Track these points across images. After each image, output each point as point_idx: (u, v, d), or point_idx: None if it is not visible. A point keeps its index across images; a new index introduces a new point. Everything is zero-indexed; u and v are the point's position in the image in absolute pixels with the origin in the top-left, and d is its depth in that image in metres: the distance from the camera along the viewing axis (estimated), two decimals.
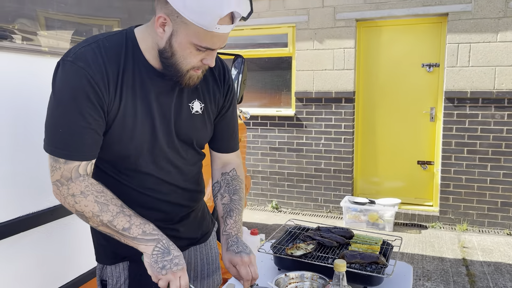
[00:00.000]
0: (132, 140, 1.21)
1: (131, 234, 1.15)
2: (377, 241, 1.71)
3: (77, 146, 1.12)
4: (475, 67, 4.57)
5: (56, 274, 1.83)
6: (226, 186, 1.46)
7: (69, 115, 1.11)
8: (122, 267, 1.35)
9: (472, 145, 4.69)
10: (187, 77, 1.19)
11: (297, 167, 5.40)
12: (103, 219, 1.14)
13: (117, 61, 1.16)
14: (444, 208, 4.86)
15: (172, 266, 1.14)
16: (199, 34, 1.09)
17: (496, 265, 3.75)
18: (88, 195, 1.14)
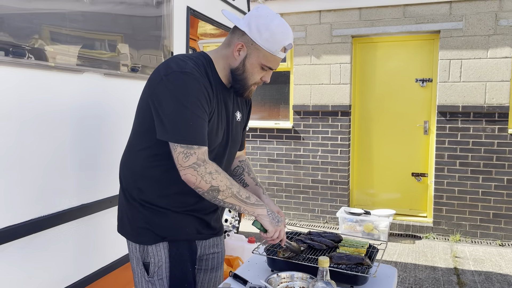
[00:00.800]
0: (216, 137, 1.56)
1: (251, 201, 1.52)
2: (364, 245, 1.84)
3: (204, 135, 1.44)
4: (466, 82, 4.74)
5: (67, 272, 1.96)
6: (247, 167, 1.87)
7: (196, 112, 1.41)
8: (162, 246, 1.57)
9: (464, 158, 4.83)
10: (248, 90, 1.62)
11: (295, 178, 5.53)
12: (233, 190, 1.47)
13: (207, 77, 1.51)
14: (437, 219, 4.97)
15: (280, 220, 1.60)
16: (266, 57, 1.53)
17: (486, 274, 3.85)
18: (221, 173, 1.46)
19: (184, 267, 1.58)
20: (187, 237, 1.60)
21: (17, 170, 1.69)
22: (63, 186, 1.91)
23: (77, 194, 1.99)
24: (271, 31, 1.49)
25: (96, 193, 2.10)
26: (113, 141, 2.20)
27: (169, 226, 1.56)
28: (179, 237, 1.58)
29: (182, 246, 1.58)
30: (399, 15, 4.95)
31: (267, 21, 1.49)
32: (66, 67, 1.87)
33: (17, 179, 1.68)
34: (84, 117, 2.00)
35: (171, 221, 1.56)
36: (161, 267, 1.57)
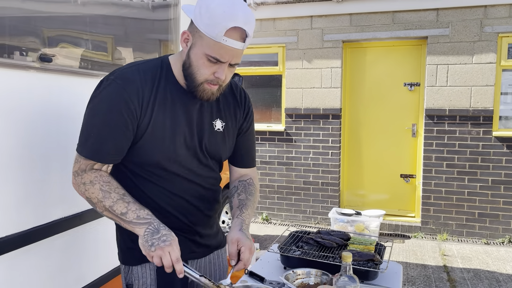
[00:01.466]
0: (162, 150, 1.38)
1: (128, 218, 1.29)
2: (372, 242, 1.93)
3: (100, 151, 1.33)
4: (453, 86, 4.92)
5: (81, 274, 1.99)
6: (243, 188, 1.61)
7: (101, 124, 1.31)
8: (149, 267, 1.45)
9: (451, 159, 5.00)
10: (201, 89, 1.34)
11: (287, 180, 5.62)
12: (105, 204, 1.30)
13: (153, 81, 1.36)
14: (425, 219, 5.14)
15: (159, 242, 1.25)
16: (209, 45, 1.26)
17: (475, 271, 4.01)
18: (95, 183, 1.32)
19: (173, 286, 1.43)
20: None
21: (39, 173, 1.72)
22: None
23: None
24: (211, 12, 1.23)
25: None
26: None
27: None
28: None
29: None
30: (388, 21, 5.11)
31: (209, 1, 1.25)
32: (72, 70, 1.90)
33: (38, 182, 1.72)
34: None
35: None
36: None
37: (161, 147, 1.38)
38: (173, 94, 1.39)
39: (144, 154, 1.38)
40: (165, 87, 1.38)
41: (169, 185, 1.44)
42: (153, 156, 1.38)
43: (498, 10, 4.74)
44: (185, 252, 1.36)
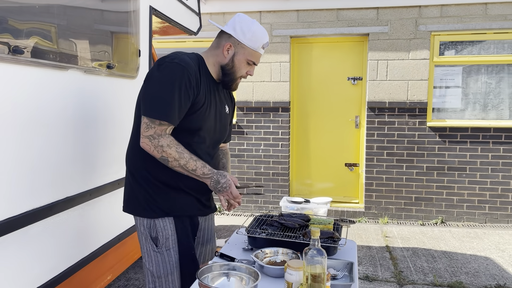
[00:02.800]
0: (205, 122, 1.85)
1: (196, 173, 1.76)
2: (330, 222, 2.13)
3: (171, 114, 1.69)
4: (392, 80, 5.30)
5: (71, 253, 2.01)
6: (222, 154, 2.19)
7: (169, 91, 1.68)
8: (168, 221, 1.85)
9: (390, 148, 5.40)
10: (235, 83, 1.93)
11: (239, 172, 5.77)
12: (180, 162, 1.71)
13: (199, 69, 1.81)
14: (368, 204, 5.51)
15: (222, 190, 1.81)
16: (251, 53, 1.87)
17: (413, 250, 4.40)
18: (172, 146, 1.70)
19: (189, 239, 1.89)
20: (190, 213, 1.91)
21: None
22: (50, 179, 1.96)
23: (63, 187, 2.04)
24: (253, 32, 1.84)
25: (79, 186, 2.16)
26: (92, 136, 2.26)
27: (173, 203, 1.85)
28: (183, 213, 1.88)
29: (186, 221, 1.90)
30: (333, 18, 5.38)
31: (249, 24, 1.85)
32: (49, 64, 1.91)
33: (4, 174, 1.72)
34: (70, 113, 2.06)
35: (174, 199, 1.85)
36: (169, 239, 1.84)
37: (205, 119, 1.83)
38: (210, 82, 1.88)
39: (192, 122, 1.79)
40: (205, 75, 1.85)
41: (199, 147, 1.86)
42: (198, 124, 1.81)
43: (431, 10, 5.16)
44: (193, 210, 1.91)
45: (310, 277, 1.46)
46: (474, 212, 5.30)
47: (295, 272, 1.53)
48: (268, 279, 1.71)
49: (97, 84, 2.29)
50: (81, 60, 2.15)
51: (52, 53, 1.95)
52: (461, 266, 3.94)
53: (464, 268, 3.89)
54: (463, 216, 5.32)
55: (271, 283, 1.68)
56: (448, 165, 5.29)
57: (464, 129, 5.23)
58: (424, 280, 3.63)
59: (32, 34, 1.82)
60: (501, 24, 5.04)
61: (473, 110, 5.34)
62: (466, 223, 5.30)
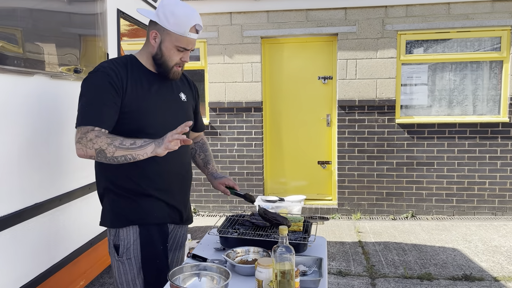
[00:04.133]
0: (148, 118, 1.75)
1: (137, 144, 1.59)
2: (300, 219, 2.18)
3: (97, 117, 1.63)
4: (361, 79, 5.42)
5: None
6: (200, 149, 2.17)
7: (93, 100, 1.65)
8: (132, 230, 1.79)
9: (361, 146, 5.52)
10: (172, 72, 1.82)
11: None
12: (115, 144, 1.58)
13: (125, 68, 1.75)
14: (341, 201, 5.62)
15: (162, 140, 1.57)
16: (178, 39, 1.74)
17: (385, 244, 4.52)
18: (100, 136, 1.60)
19: (155, 248, 1.80)
20: (157, 221, 1.82)
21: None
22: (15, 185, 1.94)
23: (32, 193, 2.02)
24: (176, 16, 1.71)
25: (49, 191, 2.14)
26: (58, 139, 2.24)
27: (139, 211, 1.79)
28: (149, 221, 1.80)
29: (153, 229, 1.81)
30: (302, 18, 5.46)
31: (171, 8, 1.72)
32: (17, 70, 1.89)
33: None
34: (35, 117, 2.03)
35: (141, 206, 1.79)
36: (129, 248, 1.79)
37: (146, 115, 1.74)
38: (146, 76, 1.81)
39: (133, 122, 1.71)
40: (138, 72, 1.79)
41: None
42: (140, 122, 1.72)
43: (396, 10, 5.31)
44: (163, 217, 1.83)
45: (280, 274, 1.51)
46: (443, 205, 5.48)
47: (265, 270, 1.57)
48: (240, 278, 1.75)
49: (64, 89, 2.27)
50: (47, 65, 2.13)
51: (17, 59, 1.92)
52: (430, 258, 4.07)
53: (433, 260, 4.03)
54: (432, 209, 5.50)
55: (243, 281, 1.71)
56: (417, 160, 5.45)
57: (431, 125, 5.40)
58: (395, 273, 3.74)
59: None
60: (464, 23, 5.23)
61: (439, 107, 5.52)
62: (435, 216, 5.48)
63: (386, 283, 3.53)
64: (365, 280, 3.60)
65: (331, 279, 3.61)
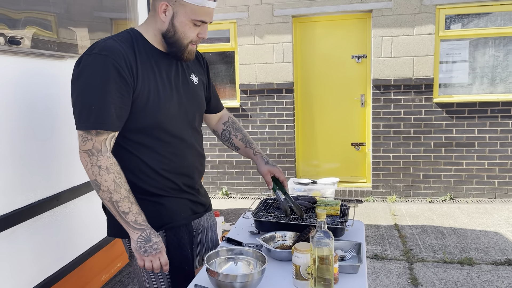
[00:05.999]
0: (159, 109, 1.47)
1: (127, 219, 1.40)
2: (337, 203, 2.11)
3: (107, 119, 1.36)
4: (397, 57, 5.20)
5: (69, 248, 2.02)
6: (233, 129, 1.91)
7: (100, 95, 1.34)
8: (159, 235, 1.51)
9: (397, 126, 5.34)
10: (187, 52, 1.52)
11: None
12: (113, 197, 1.37)
13: (132, 49, 1.44)
14: (376, 183, 5.49)
15: (152, 250, 1.44)
16: (194, 11, 1.44)
17: (422, 227, 4.39)
18: (111, 172, 1.37)
19: (183, 251, 1.59)
20: (184, 221, 1.61)
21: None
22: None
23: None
24: None
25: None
26: None
27: (165, 214, 1.55)
28: (177, 223, 1.58)
29: (180, 231, 1.59)
30: None
31: None
32: (51, 54, 1.89)
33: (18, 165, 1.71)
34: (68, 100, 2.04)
35: (166, 208, 1.56)
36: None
37: (159, 107, 1.47)
38: (154, 57, 1.50)
39: (145, 116, 1.45)
40: (145, 52, 1.48)
41: (167, 147, 1.53)
42: (156, 115, 1.46)
43: None
44: (188, 216, 1.62)
45: (318, 259, 1.45)
46: (483, 188, 5.26)
47: (302, 255, 1.52)
48: (276, 262, 1.71)
49: None
50: (80, 48, 2.12)
51: (51, 43, 1.92)
52: (471, 242, 3.92)
53: (474, 244, 3.88)
54: (472, 192, 5.29)
55: (279, 266, 1.67)
56: (456, 141, 5.23)
57: (471, 104, 5.15)
58: (433, 257, 3.62)
59: (29, 23, 1.79)
60: None
61: (481, 85, 5.25)
62: (475, 199, 5.27)
63: (425, 268, 3.43)
64: (402, 264, 3.51)
65: (366, 263, 3.53)
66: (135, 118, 1.45)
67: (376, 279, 3.25)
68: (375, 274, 3.35)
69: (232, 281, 1.42)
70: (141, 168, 1.50)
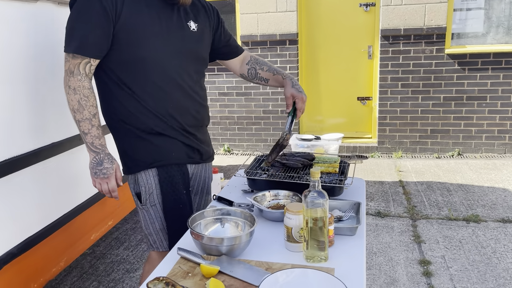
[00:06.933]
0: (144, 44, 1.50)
1: (86, 139, 1.50)
2: (336, 160, 1.96)
3: (82, 45, 1.44)
4: (408, 5, 4.88)
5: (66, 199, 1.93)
6: (257, 64, 1.88)
7: (82, 22, 1.44)
8: (151, 173, 1.62)
9: (405, 79, 5.10)
10: None
11: (246, 110, 5.58)
12: (76, 116, 1.47)
13: None
14: (381, 139, 5.32)
15: (100, 174, 1.52)
16: None
17: (428, 183, 4.27)
18: (77, 94, 1.46)
19: (176, 190, 1.63)
20: (176, 161, 1.64)
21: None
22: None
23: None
24: None
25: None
26: None
27: (156, 151, 1.61)
28: (168, 162, 1.62)
29: (172, 170, 1.63)
30: None
31: None
32: None
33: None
34: (40, 50, 1.87)
35: (157, 146, 1.61)
36: (152, 193, 1.63)
37: (146, 42, 1.50)
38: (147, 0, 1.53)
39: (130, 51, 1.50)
40: None
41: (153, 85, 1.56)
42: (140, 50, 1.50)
43: None
44: (182, 157, 1.65)
45: (311, 221, 1.33)
46: (493, 143, 5.08)
47: (295, 216, 1.39)
48: (268, 223, 1.59)
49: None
50: None
51: None
52: (478, 199, 3.80)
53: (481, 201, 3.76)
54: (481, 147, 5.12)
55: (272, 227, 1.56)
56: (467, 94, 4.99)
57: (485, 55, 4.87)
58: (438, 214, 3.52)
59: None
60: None
61: (496, 34, 4.94)
62: (484, 155, 5.11)
63: (429, 225, 3.33)
64: (406, 222, 3.41)
65: (369, 220, 3.44)
66: (120, 51, 1.50)
67: (378, 237, 3.17)
68: (377, 231, 3.26)
69: (218, 244, 1.31)
70: (131, 104, 1.55)
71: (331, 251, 1.40)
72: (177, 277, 1.22)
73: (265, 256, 1.36)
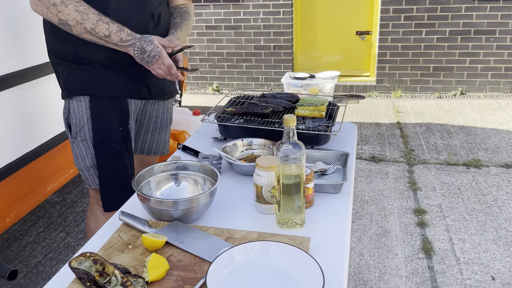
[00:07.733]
0: None
1: (112, 40, 1.33)
2: (323, 102, 1.68)
3: None
4: None
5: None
6: (178, 14, 1.61)
7: None
8: (84, 103, 1.45)
9: (409, 11, 4.67)
10: None
11: (236, 46, 5.18)
12: (86, 26, 1.30)
13: None
14: (380, 77, 4.99)
15: (151, 59, 1.36)
16: None
17: (427, 125, 4.00)
18: (68, 4, 1.27)
19: (108, 125, 1.47)
20: (113, 93, 1.48)
21: None
22: None
23: None
24: None
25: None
26: None
27: (92, 79, 1.44)
28: (103, 93, 1.46)
29: (105, 102, 1.47)
30: None
31: None
32: None
33: None
34: None
35: (95, 75, 1.45)
36: (83, 127, 1.47)
37: None
38: None
39: None
40: None
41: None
42: None
43: None
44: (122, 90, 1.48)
45: (284, 178, 1.07)
46: (499, 81, 4.76)
47: (265, 173, 1.14)
48: (239, 178, 1.35)
49: None
50: None
51: None
52: (480, 142, 3.56)
53: (483, 144, 3.52)
54: (486, 86, 4.80)
55: (243, 182, 1.32)
56: (475, 28, 4.59)
57: None
58: (437, 159, 3.29)
59: None
60: None
61: None
62: (488, 94, 4.80)
63: (426, 171, 3.11)
64: (402, 167, 3.19)
65: (362, 165, 3.22)
66: None
67: (371, 184, 2.96)
68: (371, 178, 3.05)
69: (169, 207, 1.07)
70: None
71: (309, 213, 1.16)
72: (113, 250, 0.98)
73: (229, 221, 1.12)
